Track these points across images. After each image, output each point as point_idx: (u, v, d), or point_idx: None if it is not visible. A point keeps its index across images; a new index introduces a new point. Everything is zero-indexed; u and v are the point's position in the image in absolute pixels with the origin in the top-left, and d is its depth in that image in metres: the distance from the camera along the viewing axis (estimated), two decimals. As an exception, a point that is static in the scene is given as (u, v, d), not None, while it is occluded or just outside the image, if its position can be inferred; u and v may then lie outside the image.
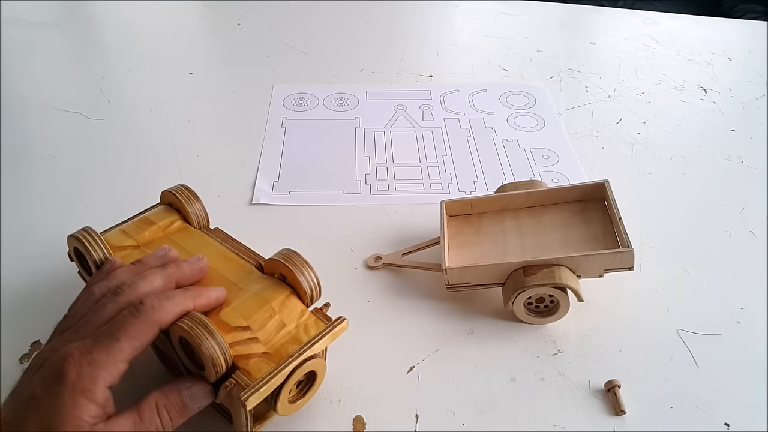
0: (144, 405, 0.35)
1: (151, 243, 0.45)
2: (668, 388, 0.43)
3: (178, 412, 0.35)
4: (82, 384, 0.32)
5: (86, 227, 0.44)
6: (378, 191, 0.60)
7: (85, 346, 0.34)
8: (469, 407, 0.42)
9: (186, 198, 0.47)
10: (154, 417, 0.34)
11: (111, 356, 0.33)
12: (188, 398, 0.36)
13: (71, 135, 0.68)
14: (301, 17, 0.92)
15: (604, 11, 1.00)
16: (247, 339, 0.38)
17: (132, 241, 0.44)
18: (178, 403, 0.35)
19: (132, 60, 0.81)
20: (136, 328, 0.35)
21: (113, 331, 0.34)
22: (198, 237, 0.46)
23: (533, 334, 0.47)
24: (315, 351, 0.38)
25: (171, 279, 0.39)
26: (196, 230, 0.46)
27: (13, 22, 0.89)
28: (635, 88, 0.77)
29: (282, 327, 0.39)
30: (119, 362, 0.34)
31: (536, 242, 0.49)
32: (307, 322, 0.39)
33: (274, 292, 0.40)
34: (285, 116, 0.71)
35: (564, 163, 0.64)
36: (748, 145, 0.67)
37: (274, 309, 0.39)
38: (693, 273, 0.52)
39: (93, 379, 0.33)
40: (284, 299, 0.40)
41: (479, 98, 0.75)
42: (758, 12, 1.50)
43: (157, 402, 0.35)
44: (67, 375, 0.32)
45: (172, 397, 0.35)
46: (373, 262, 0.52)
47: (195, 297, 0.38)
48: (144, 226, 0.46)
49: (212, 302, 0.38)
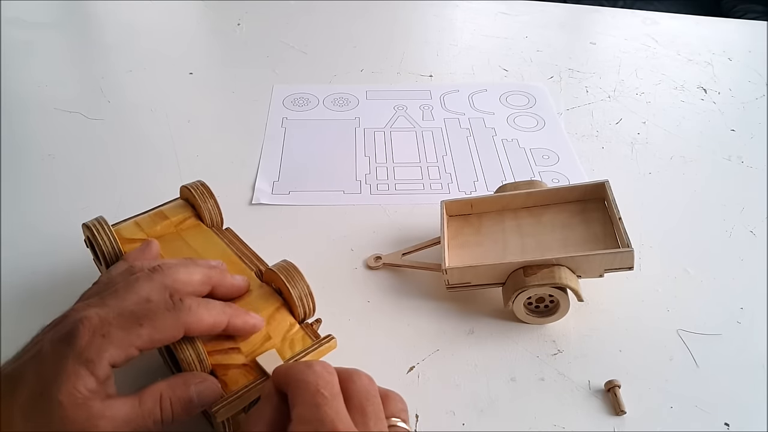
0: (147, 393, 0.33)
1: (162, 237, 0.45)
2: (668, 388, 0.43)
3: (182, 407, 0.34)
4: (88, 353, 0.31)
5: (100, 217, 0.44)
6: (378, 191, 0.60)
7: (107, 315, 0.32)
8: (469, 407, 0.42)
9: (200, 194, 0.47)
10: (155, 407, 0.33)
11: (127, 338, 0.32)
12: (196, 394, 0.34)
13: (71, 135, 0.68)
14: (301, 17, 0.92)
15: (604, 11, 1.00)
16: (229, 348, 0.37)
17: (143, 234, 0.45)
18: (184, 398, 0.34)
19: (132, 60, 0.81)
20: (163, 322, 0.33)
21: (140, 316, 0.33)
22: (207, 236, 0.46)
23: (533, 334, 0.47)
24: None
25: (210, 281, 0.38)
26: (207, 229, 0.46)
27: (13, 22, 0.89)
28: (635, 88, 0.77)
29: (267, 339, 0.38)
30: (132, 347, 0.32)
31: (536, 242, 0.49)
32: (294, 337, 0.38)
33: (264, 303, 0.40)
34: (285, 116, 0.71)
35: (564, 163, 0.64)
36: (748, 145, 0.67)
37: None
38: (693, 273, 0.52)
39: (100, 352, 0.31)
40: (274, 311, 0.39)
41: (479, 98, 0.75)
42: (758, 12, 1.50)
43: (162, 393, 0.33)
44: (79, 338, 0.31)
45: (179, 391, 0.34)
46: (373, 262, 0.52)
47: (233, 316, 0.36)
48: (158, 220, 0.46)
49: (248, 329, 0.37)
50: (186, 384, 0.34)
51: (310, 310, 0.40)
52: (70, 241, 0.53)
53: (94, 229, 0.43)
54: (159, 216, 0.46)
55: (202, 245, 0.44)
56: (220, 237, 0.45)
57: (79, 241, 0.47)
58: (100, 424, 0.31)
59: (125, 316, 0.33)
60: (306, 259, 0.52)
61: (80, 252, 0.48)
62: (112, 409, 0.31)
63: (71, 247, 0.52)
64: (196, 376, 0.35)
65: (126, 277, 0.36)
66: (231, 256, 0.44)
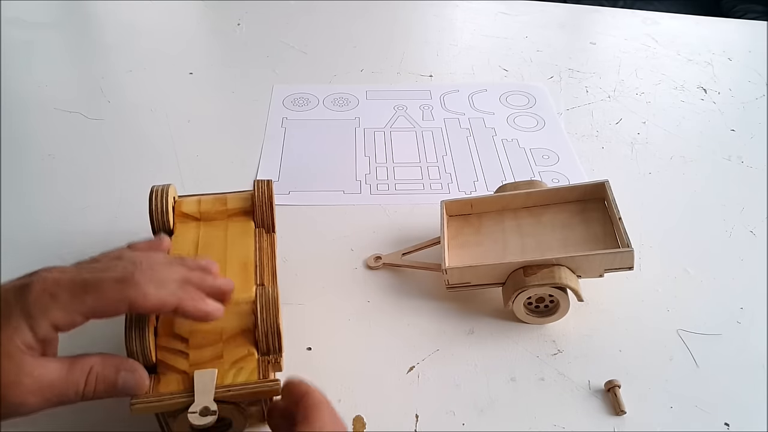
0: (78, 363, 0.34)
1: (211, 221, 0.46)
2: (668, 388, 0.43)
3: (106, 387, 0.34)
4: (33, 308, 0.32)
5: (168, 184, 0.47)
6: (378, 191, 0.60)
7: (61, 278, 0.33)
8: (469, 407, 0.42)
9: (260, 194, 0.47)
10: (81, 379, 0.33)
11: (72, 304, 0.32)
12: (122, 380, 0.34)
13: (71, 135, 0.68)
14: (301, 17, 0.92)
15: (604, 11, 1.00)
16: (178, 351, 0.37)
17: (197, 213, 0.47)
18: (110, 380, 0.34)
19: (132, 60, 0.81)
20: (109, 293, 0.33)
21: (89, 284, 0.33)
22: (245, 235, 0.46)
23: (533, 334, 0.47)
24: (226, 397, 0.35)
25: (189, 282, 0.37)
26: (251, 227, 0.46)
27: (13, 22, 0.89)
28: (635, 88, 0.77)
29: (218, 357, 0.37)
30: (76, 313, 0.32)
31: (536, 242, 0.49)
32: (244, 366, 0.37)
33: (236, 319, 0.39)
34: (285, 116, 0.71)
35: (564, 163, 0.64)
36: (748, 145, 0.67)
37: (221, 336, 0.38)
38: (693, 273, 0.52)
39: (45, 311, 0.32)
40: (240, 332, 0.38)
41: (479, 98, 0.75)
42: (758, 12, 1.50)
43: (93, 366, 0.34)
44: (29, 293, 0.32)
45: (108, 371, 0.34)
46: (373, 262, 0.52)
47: (185, 300, 0.35)
48: (216, 205, 0.47)
49: (199, 315, 0.36)
50: (117, 367, 0.35)
51: (274, 348, 0.38)
52: (70, 241, 0.54)
53: (154, 193, 0.45)
54: (220, 201, 0.48)
55: (233, 241, 0.45)
56: (256, 240, 0.45)
57: (79, 241, 0.47)
58: (24, 381, 0.31)
59: (76, 282, 0.33)
60: (306, 259, 0.53)
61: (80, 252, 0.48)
62: (41, 369, 0.32)
63: (71, 247, 0.52)
64: (130, 363, 0.35)
65: (111, 259, 0.37)
66: (249, 263, 0.43)
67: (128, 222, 0.55)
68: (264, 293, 0.39)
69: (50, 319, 0.32)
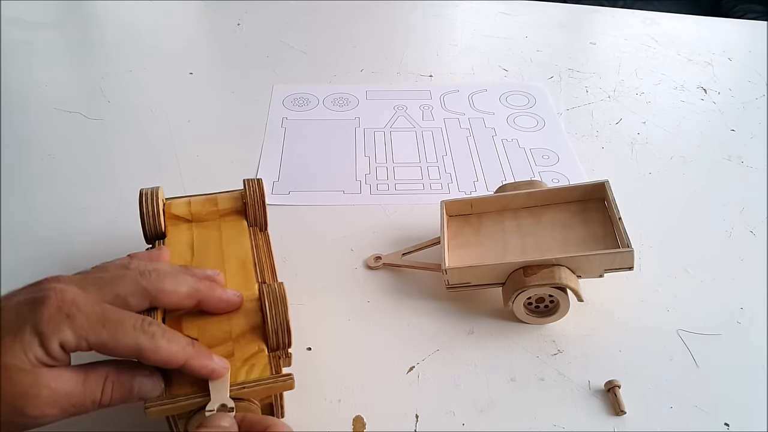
0: (93, 372, 0.33)
1: (203, 222, 0.46)
2: (668, 388, 0.43)
3: (122, 394, 0.34)
4: (46, 326, 0.31)
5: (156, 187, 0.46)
6: (378, 191, 0.60)
7: (79, 299, 0.33)
8: (469, 407, 0.42)
9: (251, 193, 0.47)
10: (98, 388, 0.33)
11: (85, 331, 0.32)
12: (137, 386, 0.34)
13: (71, 135, 0.68)
14: (301, 17, 0.92)
15: (604, 11, 1.00)
16: None
17: (189, 215, 0.46)
18: (127, 386, 0.34)
19: (132, 60, 0.81)
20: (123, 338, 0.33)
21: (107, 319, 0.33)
22: (240, 234, 0.46)
23: (533, 334, 0.47)
24: (241, 394, 0.36)
25: (198, 294, 0.37)
26: (244, 227, 0.46)
27: (13, 22, 0.89)
28: (635, 88, 0.77)
29: (229, 356, 0.37)
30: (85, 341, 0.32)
31: (536, 242, 0.49)
32: (256, 362, 0.37)
33: (243, 318, 0.39)
34: (285, 116, 0.71)
35: (564, 163, 0.64)
36: (748, 145, 0.67)
37: (231, 334, 0.38)
38: (693, 273, 0.52)
39: (57, 330, 0.31)
40: (249, 329, 0.38)
41: (479, 98, 0.75)
42: (758, 12, 1.50)
43: (108, 374, 0.34)
44: (44, 308, 0.32)
45: (124, 378, 0.34)
46: (373, 262, 0.52)
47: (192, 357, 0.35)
48: (207, 206, 0.47)
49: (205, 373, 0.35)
50: (132, 373, 0.34)
51: (284, 344, 0.38)
52: (70, 241, 0.54)
53: (143, 196, 0.45)
54: (210, 202, 0.47)
55: (228, 242, 0.45)
56: (252, 238, 0.45)
57: (79, 241, 0.47)
58: (42, 393, 0.31)
59: (96, 311, 0.33)
60: (306, 259, 0.53)
61: (80, 252, 0.48)
62: (57, 380, 0.32)
63: (71, 247, 0.52)
64: (145, 368, 0.35)
65: (118, 269, 0.36)
66: (247, 261, 0.43)
67: (128, 222, 0.55)
68: (271, 290, 0.39)
69: (61, 338, 0.32)
